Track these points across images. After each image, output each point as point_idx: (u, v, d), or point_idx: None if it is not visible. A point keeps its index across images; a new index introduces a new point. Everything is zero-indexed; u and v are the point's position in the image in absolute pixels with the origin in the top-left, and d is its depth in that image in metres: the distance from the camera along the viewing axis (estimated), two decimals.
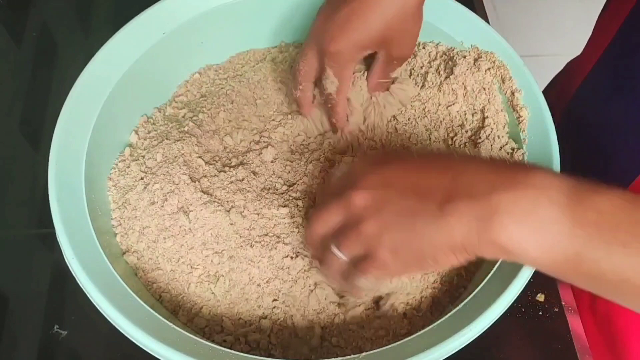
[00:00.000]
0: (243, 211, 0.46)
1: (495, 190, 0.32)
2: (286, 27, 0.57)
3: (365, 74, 0.50)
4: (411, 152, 0.38)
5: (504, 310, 0.38)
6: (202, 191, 0.46)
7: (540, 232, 0.30)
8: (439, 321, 0.39)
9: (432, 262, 0.34)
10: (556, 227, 0.30)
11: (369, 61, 0.50)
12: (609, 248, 0.29)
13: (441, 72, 0.51)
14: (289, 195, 0.48)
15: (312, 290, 0.43)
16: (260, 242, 0.45)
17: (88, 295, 0.38)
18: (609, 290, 0.31)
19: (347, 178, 0.38)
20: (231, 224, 0.45)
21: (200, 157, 0.49)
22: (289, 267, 0.44)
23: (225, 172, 0.48)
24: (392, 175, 0.36)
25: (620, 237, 0.29)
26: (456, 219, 0.32)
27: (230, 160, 0.50)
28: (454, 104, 0.50)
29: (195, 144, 0.49)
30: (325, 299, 0.43)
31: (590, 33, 0.59)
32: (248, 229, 0.46)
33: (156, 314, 0.39)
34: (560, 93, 0.62)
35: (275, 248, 0.45)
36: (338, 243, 0.37)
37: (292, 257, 0.45)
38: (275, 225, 0.46)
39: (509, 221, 0.31)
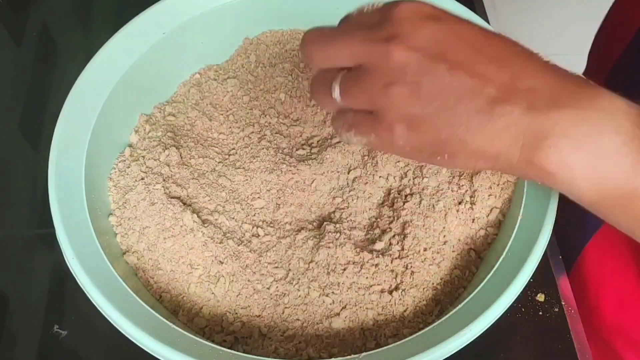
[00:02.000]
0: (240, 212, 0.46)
1: (557, 106, 0.28)
2: (287, 27, 0.57)
3: None
4: (469, 20, 0.31)
5: (504, 310, 0.38)
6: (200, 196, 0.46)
7: (598, 162, 0.27)
8: (439, 321, 0.39)
9: (448, 159, 0.30)
10: (617, 158, 0.27)
11: None
12: None
13: None
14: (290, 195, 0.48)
15: (313, 292, 0.43)
16: (259, 243, 0.45)
17: (88, 295, 0.38)
18: None
19: (386, 16, 0.30)
20: (229, 228, 0.45)
21: (201, 157, 0.49)
22: (290, 268, 0.44)
23: (225, 176, 0.48)
24: (445, 40, 0.29)
25: None
26: (504, 125, 0.28)
27: (228, 161, 0.50)
28: None
29: (193, 147, 0.49)
30: (324, 301, 0.43)
31: (589, 33, 0.59)
32: (249, 231, 0.46)
33: (156, 314, 0.39)
34: None
35: (276, 249, 0.45)
36: (343, 87, 0.31)
37: (292, 258, 0.45)
38: (275, 226, 0.46)
39: (565, 145, 0.27)
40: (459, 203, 0.45)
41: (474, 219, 0.45)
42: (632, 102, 0.28)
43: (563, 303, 0.48)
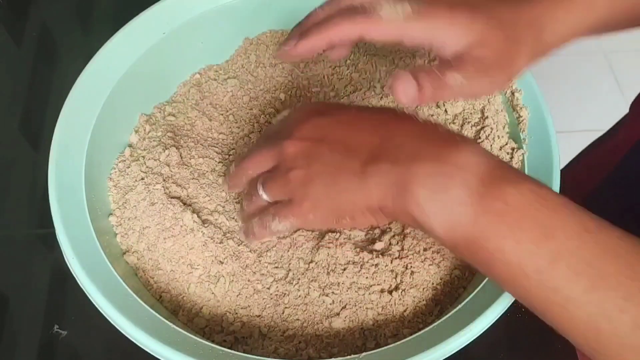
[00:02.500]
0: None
1: (416, 160, 0.32)
2: (287, 27, 0.57)
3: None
4: (351, 106, 0.37)
5: (504, 311, 0.38)
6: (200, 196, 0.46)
7: (446, 212, 0.31)
8: (439, 321, 0.39)
9: (350, 220, 0.35)
10: (461, 209, 0.30)
11: None
12: (504, 242, 0.29)
13: None
14: None
15: (313, 292, 0.43)
16: (259, 243, 0.45)
17: (88, 295, 0.38)
18: (502, 282, 0.31)
19: (284, 124, 0.38)
20: (229, 228, 0.45)
21: (201, 157, 0.49)
22: (290, 268, 0.44)
23: (225, 176, 0.49)
24: (325, 126, 0.36)
25: (517, 234, 0.29)
26: (375, 180, 0.33)
27: (228, 160, 0.50)
28: (453, 104, 0.50)
29: (193, 147, 0.49)
30: (324, 301, 0.43)
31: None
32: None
33: (156, 314, 0.39)
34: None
35: (276, 249, 0.45)
36: (264, 185, 0.38)
37: (292, 258, 0.45)
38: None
39: (420, 194, 0.31)
40: None
41: None
42: (490, 157, 0.31)
43: None
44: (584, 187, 0.59)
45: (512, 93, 0.49)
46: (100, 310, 0.38)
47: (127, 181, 0.47)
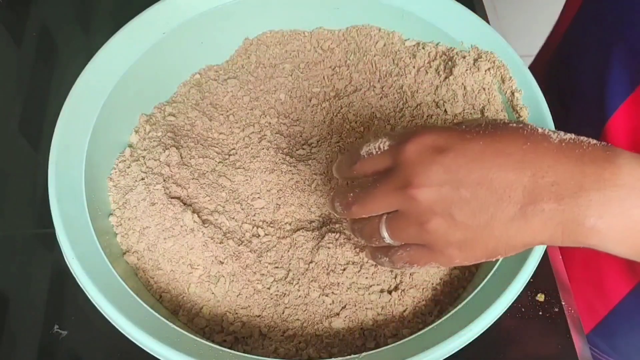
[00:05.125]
0: (240, 213, 0.46)
1: (583, 190, 0.30)
2: (287, 28, 0.57)
3: None
4: (469, 130, 0.32)
5: (504, 310, 0.38)
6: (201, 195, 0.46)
7: (632, 234, 0.30)
8: (439, 321, 0.39)
9: (503, 255, 0.34)
10: None
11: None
12: None
13: (440, 73, 0.51)
14: (289, 196, 0.48)
15: (313, 292, 0.43)
16: (260, 243, 0.45)
17: (88, 295, 0.38)
18: None
19: (396, 159, 0.33)
20: (230, 228, 0.45)
21: (201, 157, 0.49)
22: (290, 269, 0.44)
23: (225, 176, 0.49)
24: (458, 167, 0.32)
25: None
26: (541, 223, 0.31)
27: (228, 161, 0.50)
28: (453, 104, 0.50)
29: (193, 148, 0.49)
30: (324, 301, 0.43)
31: None
32: (249, 231, 0.46)
33: (156, 314, 0.39)
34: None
35: (276, 249, 0.45)
36: (389, 230, 0.35)
37: (292, 258, 0.45)
38: (276, 226, 0.46)
39: (599, 225, 0.30)
40: None
41: None
42: None
43: (563, 303, 0.48)
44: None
45: (512, 93, 0.49)
46: (100, 310, 0.38)
47: (127, 181, 0.47)
